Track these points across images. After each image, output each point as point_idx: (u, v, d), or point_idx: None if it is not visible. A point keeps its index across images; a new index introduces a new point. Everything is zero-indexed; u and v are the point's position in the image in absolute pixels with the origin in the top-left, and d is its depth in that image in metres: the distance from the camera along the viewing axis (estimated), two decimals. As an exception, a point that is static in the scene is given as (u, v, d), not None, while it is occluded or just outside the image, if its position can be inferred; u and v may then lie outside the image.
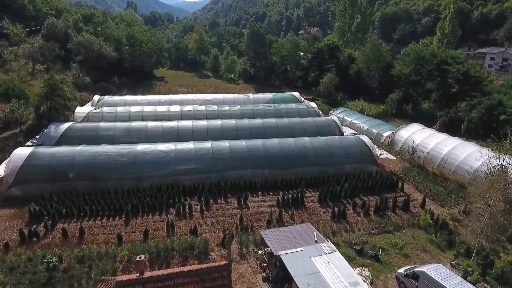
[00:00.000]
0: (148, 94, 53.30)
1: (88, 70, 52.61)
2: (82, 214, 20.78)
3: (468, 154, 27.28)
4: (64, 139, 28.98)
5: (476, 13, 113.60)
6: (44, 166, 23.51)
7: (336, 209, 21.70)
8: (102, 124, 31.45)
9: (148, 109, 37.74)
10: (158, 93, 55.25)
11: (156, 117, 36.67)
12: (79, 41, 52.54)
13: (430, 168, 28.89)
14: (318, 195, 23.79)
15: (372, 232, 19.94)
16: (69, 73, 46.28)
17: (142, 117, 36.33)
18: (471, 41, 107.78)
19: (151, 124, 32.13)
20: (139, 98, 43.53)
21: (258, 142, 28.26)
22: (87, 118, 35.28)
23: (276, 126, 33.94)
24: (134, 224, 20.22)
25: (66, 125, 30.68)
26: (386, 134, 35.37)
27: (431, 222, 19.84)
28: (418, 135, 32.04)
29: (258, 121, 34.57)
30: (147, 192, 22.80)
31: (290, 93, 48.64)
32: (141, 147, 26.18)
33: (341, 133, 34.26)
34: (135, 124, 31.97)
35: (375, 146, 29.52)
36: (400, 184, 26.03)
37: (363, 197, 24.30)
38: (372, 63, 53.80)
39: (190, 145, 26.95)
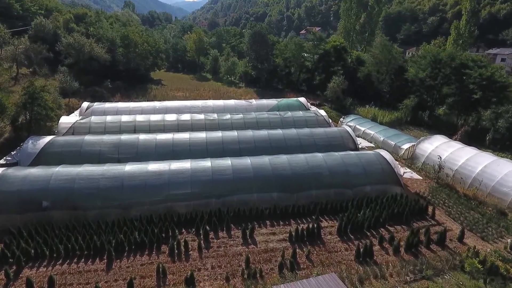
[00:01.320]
0: (143, 99, 50.02)
1: (78, 73, 49.10)
2: (55, 255, 17.18)
3: (505, 174, 23.79)
4: (43, 157, 25.36)
5: (484, 13, 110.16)
6: (14, 193, 19.88)
7: (360, 246, 18.14)
8: (88, 137, 27.80)
9: (141, 118, 34.12)
10: (154, 97, 51.84)
11: (149, 127, 33.12)
12: (69, 43, 48.93)
13: (460, 188, 25.33)
14: (337, 226, 20.21)
15: (408, 278, 16.38)
16: (56, 77, 42.60)
17: (134, 128, 32.76)
18: (479, 41, 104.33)
19: (143, 137, 28.51)
20: (132, 105, 39.93)
21: (265, 160, 24.66)
22: (72, 129, 31.70)
23: (283, 138, 30.37)
24: (118, 268, 16.60)
25: (47, 139, 27.03)
26: (405, 146, 31.80)
27: (480, 267, 16.28)
28: (443, 149, 28.49)
29: (263, 133, 30.96)
30: (135, 224, 19.23)
31: (296, 99, 45.07)
32: (129, 167, 22.56)
33: (356, 147, 30.71)
34: (125, 137, 28.33)
35: (397, 163, 25.94)
36: (430, 209, 22.49)
37: (389, 227, 20.76)
38: (383, 66, 50.29)
39: (186, 164, 23.34)
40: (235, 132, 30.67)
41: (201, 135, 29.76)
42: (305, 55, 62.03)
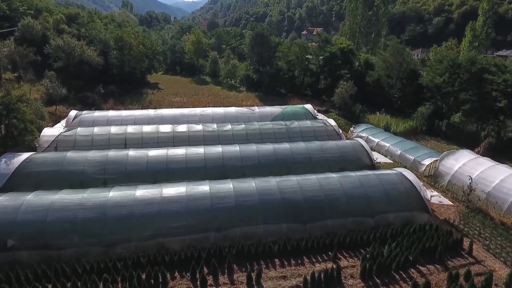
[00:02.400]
0: (138, 105, 46.92)
1: (68, 78, 45.87)
2: (16, 314, 13.97)
3: (551, 199, 20.61)
4: (17, 179, 22.10)
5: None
6: (-26, 229, 16.66)
7: (391, 297, 14.94)
8: (71, 155, 24.52)
9: (132, 130, 30.82)
10: (149, 103, 48.61)
11: (142, 140, 29.83)
12: (57, 45, 45.64)
13: (495, 215, 22.14)
14: (361, 268, 16.95)
15: None
16: (42, 83, 39.30)
17: (125, 141, 29.45)
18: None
19: (133, 153, 25.23)
20: (123, 113, 36.62)
21: (272, 182, 21.41)
22: (55, 143, 28.39)
23: (291, 154, 27.11)
24: (94, 331, 13.38)
25: (23, 157, 23.74)
26: (426, 162, 28.57)
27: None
28: (472, 167, 25.28)
29: (268, 147, 27.69)
30: (119, 267, 15.98)
31: (301, 106, 41.81)
32: (114, 193, 19.29)
33: (372, 163, 27.49)
34: (113, 153, 25.05)
35: (422, 184, 22.71)
36: (465, 243, 19.26)
37: (420, 267, 17.53)
38: (394, 70, 47.09)
39: (181, 189, 20.09)
40: (236, 147, 27.41)
41: (199, 150, 26.49)
42: (309, 57, 58.77)
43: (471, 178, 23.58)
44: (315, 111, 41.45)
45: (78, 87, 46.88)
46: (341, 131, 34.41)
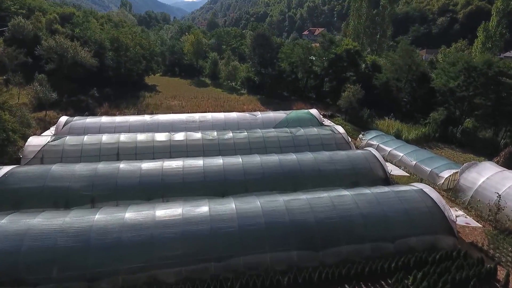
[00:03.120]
0: (134, 109, 44.68)
1: (61, 81, 43.52)
2: None
3: None
4: (-6, 197, 19.82)
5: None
6: None
7: None
8: (56, 168, 22.21)
9: (125, 138, 28.48)
10: (146, 107, 46.35)
11: (136, 150, 27.52)
12: (49, 46, 43.28)
13: (528, 237, 19.81)
14: (384, 308, 14.69)
15: None
16: (31, 86, 36.92)
17: (117, 151, 27.17)
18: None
19: (125, 166, 22.92)
20: (117, 119, 34.29)
21: (279, 201, 19.09)
22: (41, 154, 26.11)
23: (298, 167, 24.79)
24: None
25: (3, 170, 21.43)
26: (445, 174, 26.28)
27: None
28: (498, 182, 22.98)
29: (274, 158, 25.37)
30: (103, 308, 13.71)
31: (306, 111, 39.45)
32: (100, 216, 16.98)
33: (387, 176, 25.20)
34: (102, 167, 22.74)
35: (445, 202, 20.38)
36: (500, 273, 16.97)
37: (451, 305, 15.27)
38: (403, 73, 44.81)
39: (177, 210, 17.78)
40: (239, 158, 25.10)
41: (198, 162, 24.19)
42: (313, 58, 56.41)
43: (499, 195, 21.26)
44: (321, 116, 39.16)
45: (71, 90, 44.55)
46: (350, 139, 32.09)
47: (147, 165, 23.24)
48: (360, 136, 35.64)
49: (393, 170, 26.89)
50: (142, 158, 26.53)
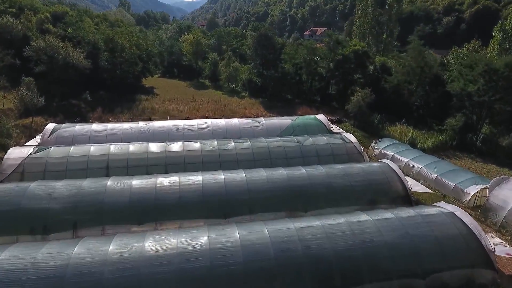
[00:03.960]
0: (129, 114, 42.09)
1: (51, 84, 40.90)
2: None
3: None
4: (-41, 223, 17.16)
5: (505, 12, 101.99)
6: None
7: None
8: (35, 187, 19.52)
9: (116, 149, 25.79)
10: (142, 112, 43.66)
11: (127, 163, 24.84)
12: (38, 47, 40.62)
13: None
14: None
15: None
16: (17, 90, 34.26)
17: (107, 165, 24.48)
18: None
19: (113, 184, 20.23)
20: (109, 126, 31.58)
21: (290, 229, 16.37)
22: (21, 168, 23.44)
23: (308, 182, 22.10)
24: None
25: (-27, 190, 18.81)
26: (471, 191, 23.62)
27: None
28: (535, 202, 20.31)
29: (281, 173, 22.69)
30: None
31: (313, 116, 36.77)
32: (79, 250, 14.27)
33: (407, 194, 22.52)
34: (88, 184, 20.05)
35: (480, 228, 17.68)
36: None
37: None
38: (415, 75, 42.13)
39: (171, 242, 15.09)
40: (242, 173, 22.42)
41: (196, 178, 21.50)
42: (317, 58, 53.67)
43: (541, 220, 18.58)
44: (329, 122, 36.46)
45: (62, 94, 41.90)
46: (362, 149, 29.42)
47: (138, 182, 20.56)
48: (373, 144, 32.96)
49: (413, 185, 24.18)
50: (134, 172, 24.08)
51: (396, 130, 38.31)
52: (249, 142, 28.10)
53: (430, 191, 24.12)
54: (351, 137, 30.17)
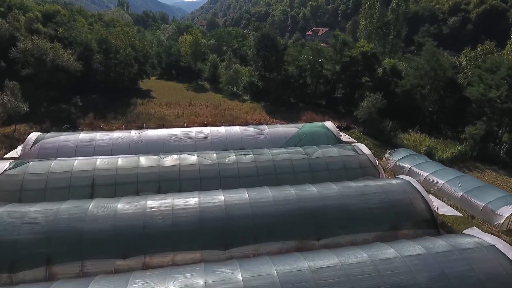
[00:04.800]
0: (123, 120, 39.47)
1: (39, 88, 38.22)
2: None
3: None
4: None
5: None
6: None
7: None
8: (4, 212, 16.76)
9: (104, 164, 22.97)
10: (137, 117, 40.97)
11: (115, 180, 22.05)
12: (25, 48, 37.91)
13: None
14: None
15: None
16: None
17: (92, 182, 21.69)
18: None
19: (96, 208, 17.45)
20: (98, 135, 28.78)
21: (304, 270, 13.63)
22: (-5, 186, 20.69)
23: (321, 204, 19.34)
24: None
25: None
26: (504, 212, 20.87)
27: None
28: None
29: (289, 193, 19.93)
30: None
31: (321, 124, 34.00)
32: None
33: (434, 218, 19.75)
34: (66, 210, 17.27)
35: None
36: None
37: None
38: (428, 79, 39.39)
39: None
40: (245, 193, 19.66)
41: (192, 199, 18.74)
42: (321, 60, 50.82)
43: None
44: (337, 130, 33.68)
45: (51, 98, 39.19)
46: (377, 162, 26.65)
47: (125, 206, 17.78)
48: (387, 155, 30.18)
49: (439, 206, 21.41)
50: (123, 190, 21.39)
51: (410, 138, 35.56)
52: (252, 155, 25.32)
53: (459, 214, 21.30)
54: (364, 148, 27.39)
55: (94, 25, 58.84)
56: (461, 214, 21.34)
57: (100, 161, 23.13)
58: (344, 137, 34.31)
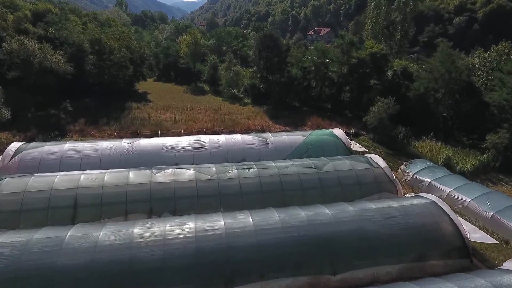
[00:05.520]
0: (116, 126, 37.01)
1: (25, 92, 35.67)
2: None
3: None
4: None
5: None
6: None
7: None
8: (-37, 244, 14.18)
9: (89, 180, 20.33)
10: (131, 123, 38.55)
11: (101, 200, 19.44)
12: (10, 49, 35.35)
13: None
14: None
15: None
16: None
17: (75, 203, 19.09)
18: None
19: (73, 239, 14.86)
20: (86, 145, 26.15)
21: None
22: (-39, 209, 18.08)
23: (337, 229, 16.77)
24: None
25: None
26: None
27: None
28: None
29: (299, 217, 17.34)
30: None
31: (329, 131, 31.40)
32: None
33: (466, 245, 17.16)
34: (39, 241, 14.67)
35: None
36: None
37: None
38: (443, 82, 36.80)
39: None
40: (248, 217, 17.10)
41: (187, 226, 16.21)
42: (328, 61, 48.18)
43: None
44: (347, 138, 31.06)
45: (39, 103, 36.60)
46: (394, 176, 24.03)
47: (108, 236, 15.21)
48: (403, 167, 27.53)
49: (470, 231, 18.80)
50: (109, 211, 18.98)
51: (425, 147, 32.95)
52: (256, 169, 22.69)
53: (495, 241, 18.69)
54: (379, 160, 24.77)
55: (88, 25, 56.25)
56: (498, 242, 18.72)
57: (85, 177, 20.49)
58: (355, 146, 31.83)
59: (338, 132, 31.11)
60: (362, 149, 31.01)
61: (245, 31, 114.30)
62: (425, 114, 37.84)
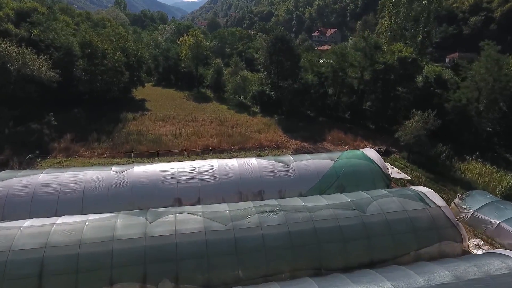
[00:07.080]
0: (108, 142, 32.15)
1: (1, 105, 30.59)
2: None
3: None
4: None
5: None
6: None
7: None
8: None
9: (61, 235, 15.08)
10: (126, 139, 33.54)
11: (77, 266, 14.24)
12: (-16, 55, 30.26)
13: None
14: None
15: None
16: None
17: (40, 271, 13.89)
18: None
19: None
20: (66, 176, 20.88)
21: None
22: None
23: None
24: None
25: None
26: None
27: None
28: None
29: (355, 301, 12.17)
30: None
31: (360, 152, 26.10)
32: None
33: None
34: None
35: None
36: None
37: None
38: (486, 91, 31.68)
39: None
40: (282, 301, 11.88)
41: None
42: (347, 64, 42.92)
43: None
44: (384, 162, 25.75)
45: (18, 117, 31.51)
46: (457, 221, 18.83)
47: None
48: (457, 201, 22.37)
49: None
50: (87, 283, 13.79)
51: (473, 170, 27.79)
52: (281, 212, 17.49)
53: None
54: (434, 197, 19.53)
55: (81, 25, 51.14)
56: None
57: (58, 230, 15.34)
58: (392, 171, 26.54)
59: (372, 154, 25.81)
60: (403, 175, 25.82)
61: (250, 31, 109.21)
62: (465, 129, 32.67)
